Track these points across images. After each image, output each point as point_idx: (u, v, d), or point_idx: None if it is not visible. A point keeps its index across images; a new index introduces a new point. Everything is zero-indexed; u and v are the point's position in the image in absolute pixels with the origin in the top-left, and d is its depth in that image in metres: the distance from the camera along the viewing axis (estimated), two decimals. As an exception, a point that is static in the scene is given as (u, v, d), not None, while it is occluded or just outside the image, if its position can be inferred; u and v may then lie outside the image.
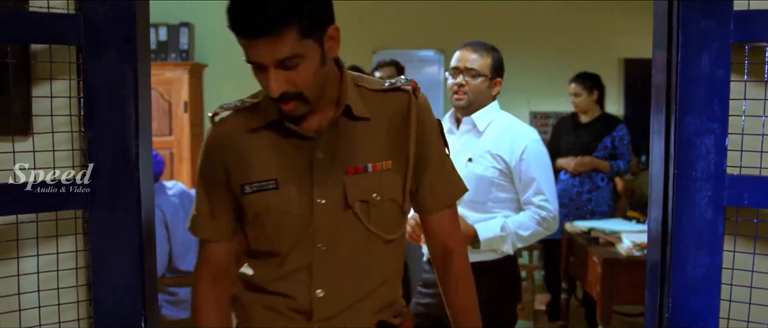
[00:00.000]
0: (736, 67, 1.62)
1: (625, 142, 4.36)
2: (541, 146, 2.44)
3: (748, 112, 1.62)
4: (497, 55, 2.53)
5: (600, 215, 4.29)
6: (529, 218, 2.36)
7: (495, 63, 2.50)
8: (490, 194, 2.40)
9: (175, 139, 5.59)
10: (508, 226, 2.35)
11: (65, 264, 1.71)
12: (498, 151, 2.39)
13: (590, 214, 4.29)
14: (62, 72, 1.69)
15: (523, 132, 2.44)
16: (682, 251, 1.65)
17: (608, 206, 4.38)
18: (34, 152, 1.66)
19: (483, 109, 2.46)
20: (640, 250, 3.33)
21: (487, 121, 2.45)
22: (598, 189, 4.33)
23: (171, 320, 3.54)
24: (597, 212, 4.30)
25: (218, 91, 6.07)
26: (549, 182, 2.41)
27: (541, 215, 2.35)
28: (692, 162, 1.63)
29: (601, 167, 4.30)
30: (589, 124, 4.40)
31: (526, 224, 2.36)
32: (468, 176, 2.31)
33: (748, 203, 1.61)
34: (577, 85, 4.41)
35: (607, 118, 4.47)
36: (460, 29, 5.90)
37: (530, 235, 2.37)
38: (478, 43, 2.54)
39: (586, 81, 4.41)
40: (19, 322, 1.67)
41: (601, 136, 4.33)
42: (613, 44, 6.01)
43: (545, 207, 2.35)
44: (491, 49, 2.53)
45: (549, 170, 2.44)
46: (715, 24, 1.60)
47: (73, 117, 1.70)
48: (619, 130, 4.35)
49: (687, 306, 1.66)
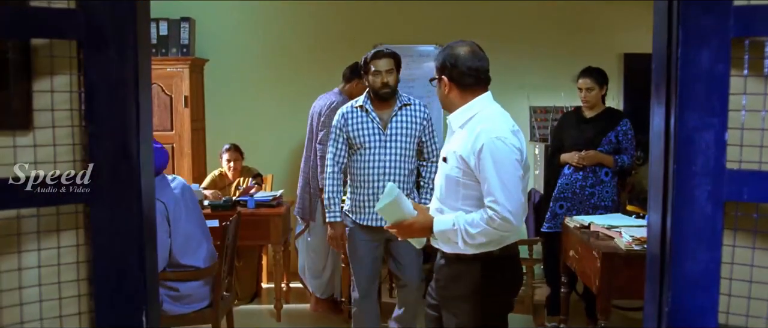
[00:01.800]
0: (736, 62, 1.62)
1: (630, 137, 4.36)
2: (502, 144, 2.35)
3: (747, 107, 1.62)
4: (442, 53, 2.56)
5: (603, 210, 4.30)
6: (479, 216, 2.37)
7: (436, 63, 2.58)
8: (459, 193, 2.46)
9: (175, 134, 5.59)
10: (459, 222, 2.39)
11: (66, 258, 1.72)
12: (461, 151, 2.42)
13: (593, 208, 4.31)
14: (63, 67, 1.69)
15: (486, 131, 2.37)
16: (681, 246, 1.65)
17: (612, 201, 4.39)
18: (34, 147, 1.66)
19: (456, 111, 2.52)
20: (639, 244, 3.34)
21: (461, 121, 2.50)
22: (601, 183, 4.35)
23: (172, 315, 3.56)
24: (600, 207, 4.33)
25: (219, 86, 6.08)
26: (503, 182, 2.32)
27: (488, 215, 2.33)
28: (692, 157, 1.63)
29: (606, 161, 4.32)
30: (594, 119, 4.41)
31: (476, 223, 2.36)
32: (441, 175, 2.54)
33: (747, 197, 1.61)
34: (591, 80, 4.38)
35: (612, 113, 4.49)
36: (459, 24, 5.90)
37: (479, 232, 2.35)
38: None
39: (598, 76, 4.40)
40: (21, 316, 1.68)
41: (605, 130, 4.34)
42: (612, 39, 6.01)
43: (493, 208, 2.32)
44: (441, 50, 2.61)
45: (505, 169, 2.33)
46: (715, 19, 1.60)
47: (73, 112, 1.70)
48: (623, 124, 4.36)
49: (686, 300, 1.66)
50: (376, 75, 3.70)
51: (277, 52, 6.07)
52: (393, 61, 3.76)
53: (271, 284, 5.31)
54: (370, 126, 3.71)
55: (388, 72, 3.70)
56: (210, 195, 4.99)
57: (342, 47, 5.45)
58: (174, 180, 3.68)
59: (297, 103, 5.38)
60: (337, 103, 4.73)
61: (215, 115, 6.09)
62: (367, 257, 3.78)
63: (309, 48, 6.00)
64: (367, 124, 3.71)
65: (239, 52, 6.08)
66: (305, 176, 4.87)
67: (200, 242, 3.64)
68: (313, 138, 4.81)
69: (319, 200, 4.84)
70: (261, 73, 6.08)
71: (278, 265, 4.87)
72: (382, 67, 3.71)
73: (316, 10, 5.97)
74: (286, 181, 5.91)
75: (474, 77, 2.48)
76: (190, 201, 3.69)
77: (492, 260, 2.46)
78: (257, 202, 4.84)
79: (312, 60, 5.89)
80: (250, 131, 5.94)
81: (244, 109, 6.07)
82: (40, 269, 1.69)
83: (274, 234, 4.79)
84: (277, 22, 6.07)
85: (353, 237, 3.80)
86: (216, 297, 3.67)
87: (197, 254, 3.59)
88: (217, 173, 5.35)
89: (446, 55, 2.50)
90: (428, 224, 2.46)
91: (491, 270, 2.46)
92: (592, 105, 4.42)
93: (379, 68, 3.70)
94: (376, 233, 3.73)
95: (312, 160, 4.80)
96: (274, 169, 5.92)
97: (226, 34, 6.07)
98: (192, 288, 3.60)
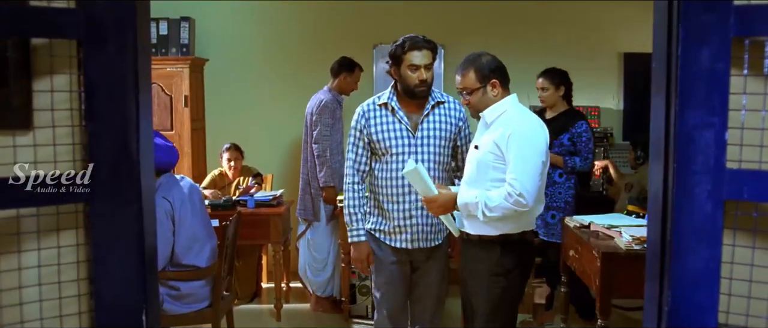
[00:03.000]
0: (736, 61, 1.62)
1: (584, 139, 4.31)
2: (529, 132, 2.66)
3: (748, 107, 1.62)
4: (480, 62, 2.79)
5: (556, 211, 4.32)
6: (499, 192, 2.63)
7: (479, 72, 2.78)
8: (488, 175, 2.71)
9: (175, 133, 5.59)
10: (481, 195, 2.66)
11: (66, 258, 1.72)
12: (496, 140, 2.69)
13: (545, 208, 4.07)
14: (63, 66, 1.69)
15: (517, 121, 2.70)
16: (681, 245, 1.65)
17: (565, 202, 4.37)
18: (34, 147, 1.66)
19: (491, 107, 2.79)
20: (639, 244, 3.34)
21: (495, 115, 2.77)
22: (554, 184, 4.34)
23: (173, 314, 3.56)
24: (552, 207, 4.34)
25: (219, 85, 6.08)
26: (525, 163, 2.60)
27: (507, 191, 2.59)
28: (692, 156, 1.63)
29: (556, 162, 4.24)
30: (552, 120, 4.37)
31: (495, 197, 2.62)
32: (472, 160, 2.80)
33: (747, 196, 1.61)
34: (545, 80, 4.38)
35: (571, 114, 4.43)
36: (460, 24, 5.90)
37: (496, 206, 2.61)
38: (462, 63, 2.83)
39: (554, 77, 4.38)
40: (21, 316, 1.68)
41: (559, 132, 4.31)
42: (613, 38, 6.02)
43: (512, 184, 2.58)
44: (471, 61, 2.80)
45: (529, 153, 2.62)
46: (715, 18, 1.60)
47: (73, 111, 1.70)
48: (578, 126, 4.32)
49: (686, 300, 1.66)
50: (412, 69, 3.06)
51: (277, 52, 6.07)
52: (432, 53, 3.11)
53: (271, 283, 5.31)
54: (398, 128, 3.13)
55: (427, 67, 3.08)
56: (210, 195, 4.99)
57: (342, 46, 5.45)
58: (183, 180, 3.68)
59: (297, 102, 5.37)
60: (326, 101, 4.74)
61: (215, 115, 6.09)
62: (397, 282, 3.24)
63: (309, 47, 6.00)
64: (394, 125, 3.13)
65: (239, 51, 6.08)
66: (305, 177, 4.88)
67: (204, 243, 3.63)
68: (308, 139, 4.81)
69: (321, 200, 4.85)
70: (261, 72, 6.08)
71: (278, 264, 4.87)
72: (421, 60, 3.06)
73: (316, 9, 5.97)
74: (286, 180, 5.91)
75: (508, 78, 2.84)
76: (198, 202, 3.69)
77: (510, 243, 2.75)
78: (257, 201, 4.84)
79: (312, 59, 5.89)
80: (250, 131, 5.94)
81: (244, 109, 6.07)
82: (40, 268, 1.69)
83: (274, 234, 4.79)
84: (277, 22, 6.07)
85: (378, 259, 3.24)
86: (216, 297, 3.67)
87: (201, 254, 3.59)
88: (217, 173, 5.35)
89: (489, 62, 2.79)
90: (452, 198, 2.75)
91: (509, 252, 2.76)
92: (551, 105, 4.40)
93: (417, 62, 3.05)
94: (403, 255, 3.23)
95: (309, 160, 4.80)
96: (274, 168, 5.92)
97: (226, 34, 6.07)
98: (193, 288, 3.60)
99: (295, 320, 4.88)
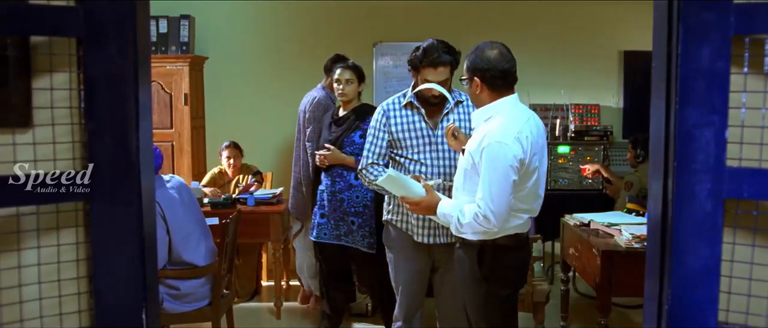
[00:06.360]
0: (736, 59, 1.61)
1: None
2: (501, 150, 2.47)
3: (747, 105, 1.62)
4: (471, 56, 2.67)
5: (355, 217, 3.87)
6: (470, 209, 2.55)
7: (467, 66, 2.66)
8: (467, 184, 2.64)
9: (175, 131, 5.59)
10: (455, 209, 2.61)
11: (66, 256, 1.72)
12: (471, 149, 2.59)
13: (345, 215, 3.91)
14: (62, 64, 1.69)
15: (491, 134, 2.51)
16: (681, 243, 1.65)
17: (364, 206, 3.89)
18: (34, 145, 1.66)
19: (481, 109, 2.66)
20: (639, 242, 3.34)
21: (481, 120, 2.65)
22: (351, 188, 3.90)
23: (172, 313, 3.56)
24: (350, 213, 3.89)
25: (219, 83, 6.08)
26: (493, 183, 2.47)
27: (475, 211, 2.52)
28: (692, 154, 1.63)
29: (347, 162, 3.90)
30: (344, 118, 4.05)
31: (466, 214, 2.56)
32: (460, 166, 2.75)
33: (747, 195, 1.61)
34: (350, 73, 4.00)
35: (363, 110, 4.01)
36: (459, 22, 5.89)
37: (467, 224, 2.55)
38: None
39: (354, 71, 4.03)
40: (21, 314, 1.68)
41: (349, 130, 3.98)
42: (612, 37, 6.01)
43: (480, 205, 2.50)
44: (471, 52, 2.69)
45: (497, 173, 2.47)
46: (715, 16, 1.59)
47: (73, 109, 1.70)
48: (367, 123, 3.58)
49: (686, 298, 1.66)
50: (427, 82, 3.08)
51: (276, 50, 6.07)
52: (449, 68, 3.08)
53: (271, 281, 5.31)
54: (418, 126, 3.19)
55: (443, 82, 3.08)
56: (210, 193, 4.99)
57: (342, 44, 5.44)
58: (171, 179, 3.68)
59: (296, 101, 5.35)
60: (319, 98, 4.70)
61: (215, 113, 6.08)
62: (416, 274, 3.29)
63: (308, 46, 5.99)
64: (414, 124, 3.20)
65: (239, 49, 6.08)
66: (297, 175, 4.84)
67: (199, 239, 3.63)
68: (301, 137, 4.79)
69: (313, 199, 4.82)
70: (261, 70, 6.07)
71: (278, 263, 4.87)
72: (435, 78, 3.06)
73: (316, 7, 5.97)
74: (286, 179, 5.89)
75: (503, 79, 2.60)
76: (188, 199, 3.68)
77: (491, 248, 2.63)
78: (257, 200, 4.84)
79: (312, 57, 5.87)
80: (249, 129, 5.93)
81: (243, 107, 6.07)
82: (39, 267, 1.69)
83: (274, 232, 4.79)
84: (277, 20, 6.06)
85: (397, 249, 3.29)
86: (216, 295, 3.67)
87: (196, 251, 3.59)
88: (216, 171, 5.35)
89: (477, 57, 2.62)
90: (434, 204, 2.69)
91: (489, 256, 2.64)
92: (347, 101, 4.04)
93: (431, 78, 3.06)
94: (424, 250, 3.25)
95: (302, 158, 4.77)
96: (274, 166, 5.92)
97: (226, 32, 6.07)
98: (193, 287, 3.60)
99: (295, 319, 4.88)
